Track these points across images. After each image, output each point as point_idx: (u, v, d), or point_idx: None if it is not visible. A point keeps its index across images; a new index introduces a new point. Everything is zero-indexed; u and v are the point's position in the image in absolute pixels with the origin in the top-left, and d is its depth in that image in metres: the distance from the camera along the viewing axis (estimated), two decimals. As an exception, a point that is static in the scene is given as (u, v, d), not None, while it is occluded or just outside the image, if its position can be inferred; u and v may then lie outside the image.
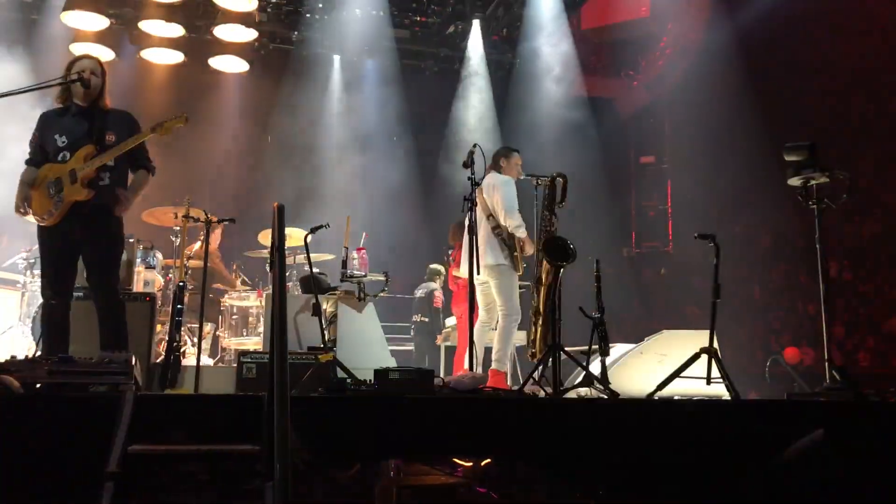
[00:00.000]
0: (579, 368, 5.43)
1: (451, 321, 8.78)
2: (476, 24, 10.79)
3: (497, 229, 6.33)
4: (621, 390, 5.24)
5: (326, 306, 6.89)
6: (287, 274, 6.75)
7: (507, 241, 6.29)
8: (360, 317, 6.76)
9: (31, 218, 5.13)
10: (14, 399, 3.71)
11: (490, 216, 6.34)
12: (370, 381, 4.90)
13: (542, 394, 4.99)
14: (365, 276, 6.90)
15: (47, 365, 4.09)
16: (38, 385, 4.03)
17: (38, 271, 6.88)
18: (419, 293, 9.82)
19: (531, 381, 5.25)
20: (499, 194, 6.32)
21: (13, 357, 4.10)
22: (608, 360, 5.42)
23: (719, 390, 5.25)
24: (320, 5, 10.31)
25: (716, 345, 5.30)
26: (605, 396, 4.97)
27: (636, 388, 5.48)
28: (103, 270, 5.01)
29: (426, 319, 9.78)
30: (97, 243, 4.98)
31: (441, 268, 10.02)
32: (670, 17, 10.46)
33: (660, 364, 5.65)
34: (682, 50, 10.51)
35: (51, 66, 7.89)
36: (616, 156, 10.87)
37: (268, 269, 8.43)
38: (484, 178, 6.33)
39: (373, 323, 6.82)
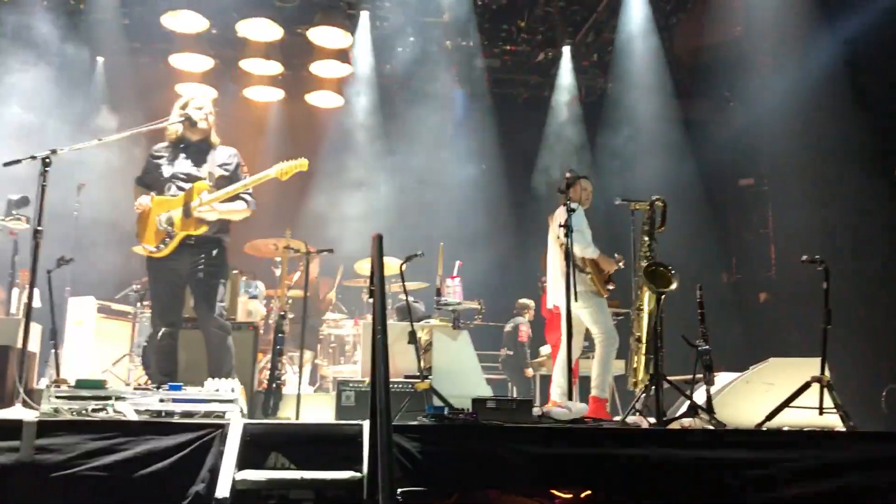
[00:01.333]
0: (683, 398, 5.27)
1: (545, 349, 8.70)
2: (566, 51, 10.77)
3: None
4: (727, 421, 5.06)
5: (421, 335, 6.93)
6: (383, 303, 6.81)
7: (580, 266, 6.18)
8: (454, 345, 6.76)
9: (140, 249, 5.36)
10: (128, 426, 3.87)
11: (563, 245, 6.26)
12: (467, 409, 4.88)
13: (644, 424, 4.87)
14: (459, 304, 6.92)
15: (159, 392, 4.26)
16: (150, 412, 4.20)
17: (147, 303, 7.19)
18: (507, 327, 9.86)
19: (633, 411, 5.13)
20: (562, 220, 6.24)
21: (127, 385, 4.28)
22: (713, 390, 5.25)
23: (832, 421, 5.02)
24: (411, 39, 10.49)
25: (827, 373, 5.08)
26: (712, 427, 4.80)
27: (743, 419, 5.27)
28: (209, 300, 5.18)
29: (511, 353, 9.77)
30: (203, 274, 5.16)
31: (529, 302, 10.00)
32: (766, 35, 10.17)
33: (767, 393, 5.43)
34: (779, 68, 10.19)
35: (158, 106, 8.29)
36: (713, 179, 10.58)
37: (363, 297, 8.57)
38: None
39: (468, 351, 6.80)
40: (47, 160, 4.61)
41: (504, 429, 4.16)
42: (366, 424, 3.77)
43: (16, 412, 4.29)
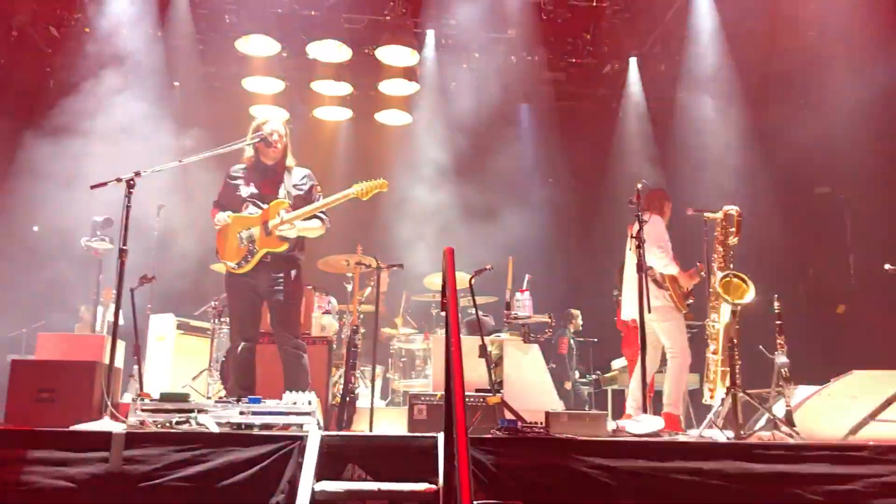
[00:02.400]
0: (761, 411, 5.16)
1: (618, 363, 8.61)
2: (633, 62, 10.70)
3: (649, 270, 6.19)
4: (808, 435, 4.94)
5: (491, 348, 6.94)
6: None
7: (660, 281, 6.12)
8: (525, 359, 6.75)
9: (221, 266, 5.53)
10: (211, 437, 3.99)
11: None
12: (540, 423, 4.87)
13: (722, 438, 4.78)
14: (529, 317, 6.91)
15: (239, 405, 4.38)
16: (231, 424, 4.32)
17: (225, 319, 7.40)
18: (553, 340, 9.79)
19: (710, 424, 5.04)
20: (644, 233, 6.22)
21: (208, 398, 4.42)
22: (792, 403, 5.12)
23: (922, 435, 4.84)
24: (476, 55, 10.57)
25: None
26: (792, 441, 4.69)
27: (824, 432, 5.12)
28: (286, 316, 5.31)
29: (553, 366, 9.70)
30: (280, 294, 5.29)
31: (575, 312, 9.93)
32: (841, 39, 9.91)
33: (850, 407, 5.26)
34: (856, 73, 9.91)
35: (233, 129, 8.54)
36: (787, 187, 10.32)
37: (432, 312, 8.63)
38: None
39: (538, 365, 6.78)
40: (131, 182, 4.81)
41: (578, 442, 4.14)
42: (440, 437, 3.81)
43: (104, 425, 4.46)
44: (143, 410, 4.37)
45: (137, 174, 4.85)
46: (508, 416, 5.46)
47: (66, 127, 9.65)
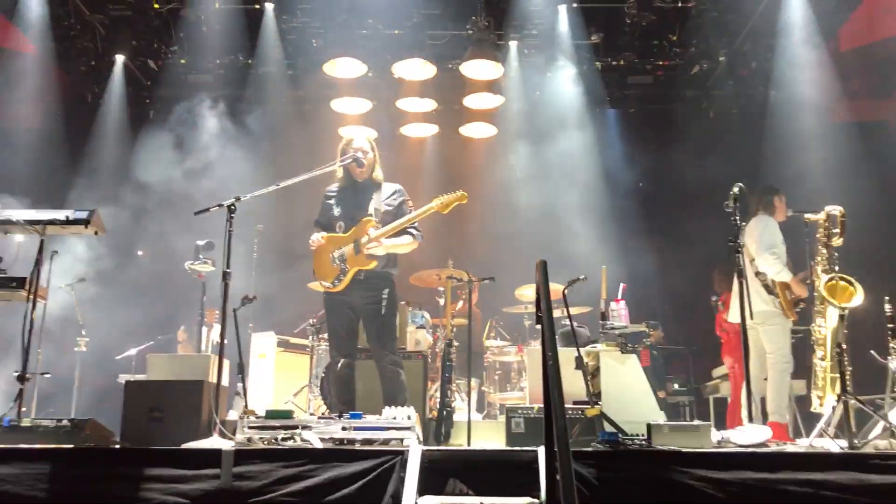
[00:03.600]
0: (876, 419, 4.93)
1: (718, 371, 8.38)
2: (722, 61, 10.43)
3: (760, 274, 6.01)
4: (929, 443, 4.68)
5: (588, 360, 6.85)
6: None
7: (770, 286, 5.94)
8: (623, 370, 6.63)
9: (317, 285, 5.67)
10: (315, 453, 4.08)
11: (753, 260, 6.05)
12: (642, 434, 4.79)
13: (834, 448, 4.59)
14: (626, 327, 6.80)
15: (341, 421, 4.48)
16: (333, 440, 4.41)
17: (323, 335, 7.57)
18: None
19: (821, 433, 4.85)
20: (755, 236, 6.02)
21: (311, 414, 4.53)
22: (909, 410, 4.88)
23: None
24: (560, 63, 10.51)
25: None
26: (911, 450, 4.47)
27: (946, 441, 4.85)
28: (383, 332, 5.40)
29: None
30: (375, 311, 5.39)
31: (653, 323, 9.69)
32: (945, 24, 9.43)
33: (973, 413, 4.97)
34: (962, 58, 9.42)
35: (324, 149, 8.76)
36: (893, 183, 9.85)
37: (525, 324, 8.60)
38: (750, 220, 6.06)
39: (638, 376, 6.65)
40: (232, 207, 5.00)
41: (682, 454, 4.06)
42: (541, 450, 3.79)
43: (214, 442, 4.62)
44: (249, 427, 4.50)
45: (238, 199, 5.03)
46: (608, 428, 5.38)
47: (165, 154, 10.09)
